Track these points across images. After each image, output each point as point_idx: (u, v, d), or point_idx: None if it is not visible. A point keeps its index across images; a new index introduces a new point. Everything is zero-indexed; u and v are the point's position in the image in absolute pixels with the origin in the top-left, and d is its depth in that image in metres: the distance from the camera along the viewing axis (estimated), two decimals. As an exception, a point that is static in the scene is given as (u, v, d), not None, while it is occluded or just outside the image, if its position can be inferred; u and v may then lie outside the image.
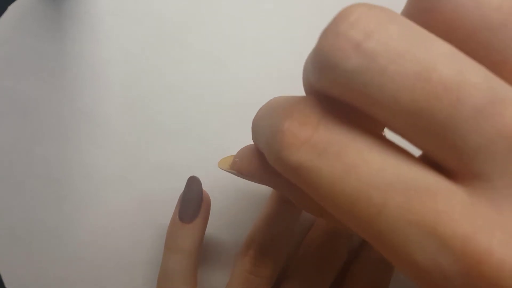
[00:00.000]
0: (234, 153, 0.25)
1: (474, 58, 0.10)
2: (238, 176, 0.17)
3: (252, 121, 0.16)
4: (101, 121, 0.25)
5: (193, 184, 0.22)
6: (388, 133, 0.14)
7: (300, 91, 0.25)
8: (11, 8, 0.25)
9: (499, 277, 0.09)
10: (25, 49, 0.25)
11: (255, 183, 0.17)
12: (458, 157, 0.10)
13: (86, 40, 0.25)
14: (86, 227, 0.25)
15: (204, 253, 0.24)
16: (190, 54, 0.25)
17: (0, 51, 0.25)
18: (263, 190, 0.24)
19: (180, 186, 0.23)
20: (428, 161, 0.11)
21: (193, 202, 0.21)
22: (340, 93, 0.11)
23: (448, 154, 0.10)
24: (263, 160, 0.16)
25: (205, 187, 0.22)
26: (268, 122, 0.13)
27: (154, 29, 0.25)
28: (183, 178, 0.23)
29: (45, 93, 0.25)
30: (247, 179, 0.17)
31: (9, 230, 0.25)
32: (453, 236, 0.09)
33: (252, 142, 0.17)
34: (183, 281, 0.21)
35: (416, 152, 0.11)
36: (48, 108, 0.25)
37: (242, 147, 0.25)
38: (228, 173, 0.23)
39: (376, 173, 0.10)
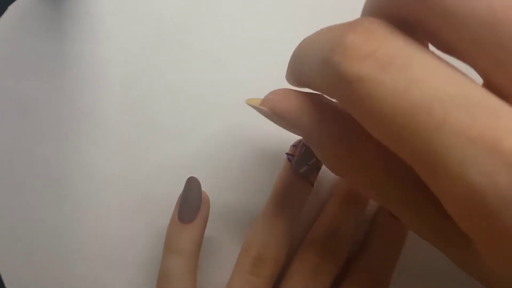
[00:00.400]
0: (234, 152, 0.25)
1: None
2: (266, 116, 0.16)
3: (293, 52, 0.16)
4: (101, 121, 0.25)
5: (192, 184, 0.22)
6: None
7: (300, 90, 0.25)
8: (11, 8, 0.25)
9: None
10: (25, 49, 0.25)
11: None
12: None
13: (86, 40, 0.25)
14: (86, 227, 0.25)
15: (204, 253, 0.24)
16: (190, 54, 0.25)
17: (0, 51, 0.25)
18: (263, 190, 0.24)
19: (180, 186, 0.23)
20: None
21: (192, 202, 0.21)
22: (406, 12, 0.11)
23: (506, 78, 0.10)
24: (301, 99, 0.15)
25: (205, 187, 0.22)
26: (327, 38, 0.12)
27: (154, 29, 0.25)
28: (183, 178, 0.22)
29: (45, 93, 0.25)
30: (274, 121, 0.16)
31: (9, 230, 0.25)
32: None
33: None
34: (182, 281, 0.21)
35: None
36: (48, 108, 0.25)
37: (242, 146, 0.25)
38: (236, 179, 0.22)
39: (440, 86, 0.10)
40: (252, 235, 0.22)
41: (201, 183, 0.22)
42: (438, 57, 0.11)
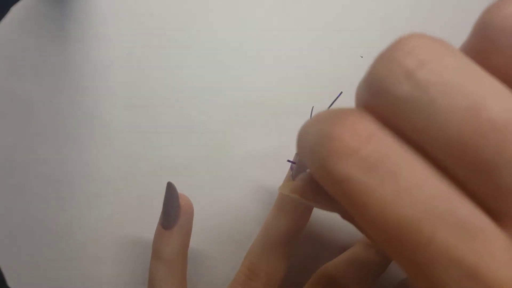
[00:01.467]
0: (234, 152, 0.25)
1: None
2: (302, 202, 0.16)
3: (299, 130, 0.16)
4: (103, 121, 0.25)
5: (170, 191, 0.21)
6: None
7: (300, 91, 0.25)
8: (13, 9, 0.26)
9: None
10: (27, 50, 0.25)
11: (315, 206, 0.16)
12: (501, 199, 0.10)
13: (88, 41, 0.25)
14: (87, 227, 0.25)
15: (204, 257, 0.24)
16: (191, 55, 0.25)
17: (3, 52, 0.25)
18: (266, 190, 0.24)
19: (181, 187, 0.23)
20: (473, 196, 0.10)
21: (170, 210, 0.21)
22: (389, 116, 0.11)
23: (491, 193, 0.10)
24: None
25: (206, 188, 0.22)
26: (317, 127, 0.12)
27: (155, 30, 0.25)
28: (183, 178, 0.22)
29: (47, 93, 0.25)
30: (313, 205, 0.17)
31: (11, 230, 0.25)
32: (494, 279, 0.09)
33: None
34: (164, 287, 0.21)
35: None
36: (50, 108, 0.25)
37: (243, 147, 0.25)
38: (236, 179, 0.22)
39: (429, 201, 0.10)
40: (252, 245, 0.21)
41: (201, 183, 0.22)
42: (427, 160, 0.10)
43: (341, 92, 0.19)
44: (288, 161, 0.21)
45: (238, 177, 0.24)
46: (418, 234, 0.10)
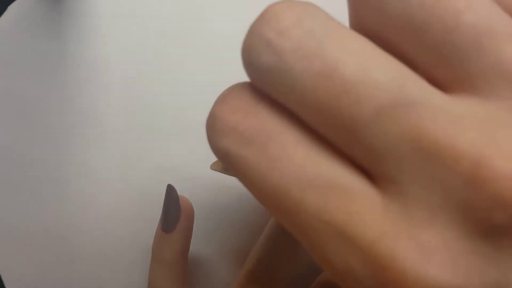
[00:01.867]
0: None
1: (403, 60, 0.10)
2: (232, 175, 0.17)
3: None
4: (100, 121, 0.25)
5: (170, 194, 0.21)
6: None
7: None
8: (11, 8, 0.25)
9: (402, 284, 0.09)
10: (24, 48, 0.25)
11: None
12: (368, 159, 0.10)
13: (86, 40, 0.25)
14: (85, 228, 0.25)
15: (205, 260, 0.24)
16: (190, 54, 0.25)
17: None
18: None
19: (180, 187, 0.23)
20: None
21: (170, 212, 0.21)
22: (261, 88, 0.11)
23: (360, 155, 0.10)
24: None
25: (206, 188, 0.22)
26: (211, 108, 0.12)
27: (153, 29, 0.25)
28: (184, 179, 0.22)
29: (45, 92, 0.25)
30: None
31: (9, 230, 0.25)
32: (361, 238, 0.09)
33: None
34: None
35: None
36: (48, 108, 0.25)
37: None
38: (237, 180, 0.22)
39: (296, 169, 0.10)
40: (255, 247, 0.21)
41: (201, 184, 0.22)
42: (304, 130, 0.10)
43: None
44: None
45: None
46: (288, 201, 0.10)
